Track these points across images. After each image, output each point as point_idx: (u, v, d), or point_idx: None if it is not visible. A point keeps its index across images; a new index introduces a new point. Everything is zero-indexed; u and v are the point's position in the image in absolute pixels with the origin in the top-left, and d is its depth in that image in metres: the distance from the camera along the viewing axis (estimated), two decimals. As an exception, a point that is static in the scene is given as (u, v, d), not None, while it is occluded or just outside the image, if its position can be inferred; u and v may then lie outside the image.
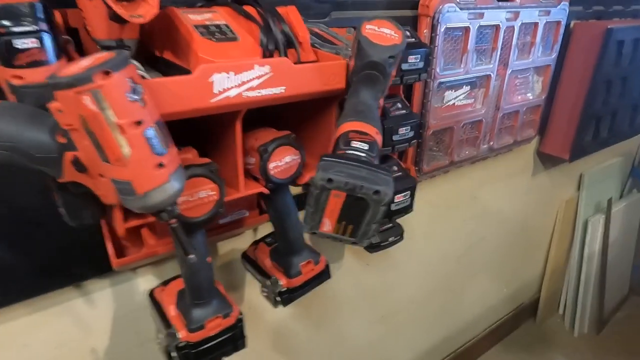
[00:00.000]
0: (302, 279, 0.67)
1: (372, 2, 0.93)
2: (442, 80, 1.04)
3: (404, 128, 0.83)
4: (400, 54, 0.54)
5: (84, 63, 0.34)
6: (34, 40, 0.40)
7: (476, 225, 1.59)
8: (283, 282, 0.67)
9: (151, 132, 0.37)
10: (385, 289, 1.39)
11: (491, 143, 1.28)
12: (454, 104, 1.13)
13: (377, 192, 0.43)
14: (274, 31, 0.54)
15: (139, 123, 0.36)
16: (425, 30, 0.98)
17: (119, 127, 0.35)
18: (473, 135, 1.22)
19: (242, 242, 0.94)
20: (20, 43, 0.40)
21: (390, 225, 0.95)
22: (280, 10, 0.60)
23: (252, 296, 1.00)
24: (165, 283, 0.66)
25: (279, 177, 0.59)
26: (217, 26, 0.53)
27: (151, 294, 0.67)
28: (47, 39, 0.42)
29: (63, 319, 0.79)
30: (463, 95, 1.14)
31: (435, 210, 1.39)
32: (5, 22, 0.39)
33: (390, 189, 0.44)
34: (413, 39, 0.78)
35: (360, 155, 0.47)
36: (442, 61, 1.03)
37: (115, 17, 0.52)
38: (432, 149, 1.16)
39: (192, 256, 0.47)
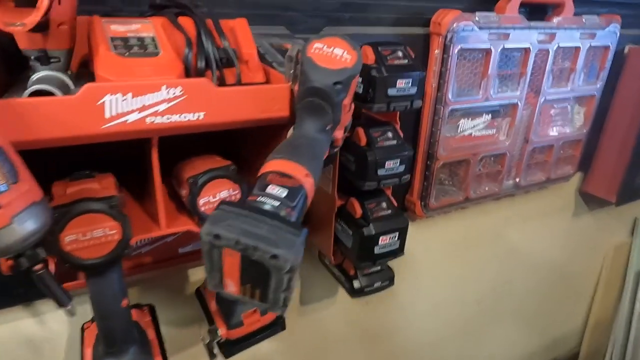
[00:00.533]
0: (243, 330, 0.58)
1: (375, 18, 0.84)
2: (456, 107, 0.92)
3: (392, 161, 0.72)
4: (352, 79, 0.45)
5: None
6: None
7: (501, 267, 1.42)
8: (222, 331, 0.58)
9: (-21, 166, 0.30)
10: (388, 330, 1.26)
11: (517, 179, 1.13)
12: (470, 134, 1.00)
13: (274, 256, 0.34)
14: (206, 46, 0.46)
15: (-41, 154, 0.29)
16: (436, 51, 0.87)
17: None
18: (495, 170, 1.08)
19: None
20: None
21: (378, 268, 0.84)
22: (228, 22, 0.52)
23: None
24: (93, 319, 0.59)
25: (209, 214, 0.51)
26: (140, 39, 0.46)
27: (82, 328, 0.60)
28: None
29: (11, 338, 0.75)
30: (482, 125, 1.01)
31: (450, 248, 1.25)
32: None
33: (293, 254, 0.34)
34: (405, 61, 0.68)
35: (272, 205, 0.37)
36: (455, 86, 0.91)
37: (28, 25, 0.47)
38: (443, 183, 1.03)
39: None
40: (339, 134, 0.51)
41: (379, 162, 0.71)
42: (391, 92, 0.66)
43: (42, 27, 0.48)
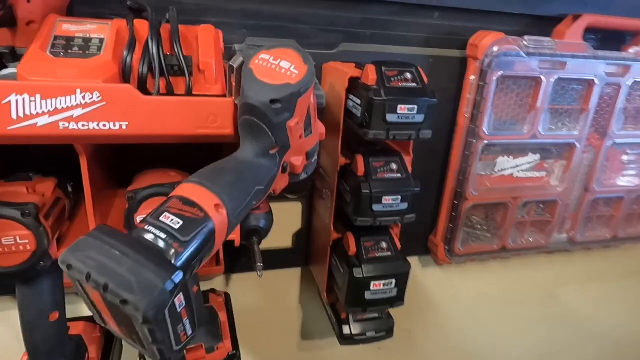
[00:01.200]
0: (184, 366, 0.52)
1: (400, 36, 0.75)
2: (493, 142, 0.80)
3: (392, 197, 0.63)
4: (295, 98, 0.38)
5: None
6: None
7: (552, 333, 1.22)
8: (163, 362, 0.53)
9: None
10: (405, 383, 1.12)
11: (572, 233, 0.95)
12: (512, 174, 0.86)
13: (124, 301, 0.28)
14: (151, 50, 0.42)
15: None
16: (471, 77, 0.76)
17: None
18: (543, 219, 0.93)
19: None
20: None
21: (375, 315, 0.74)
22: (194, 29, 0.48)
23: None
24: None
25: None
26: (87, 40, 0.43)
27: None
28: None
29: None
30: (528, 166, 0.87)
31: (484, 301, 1.09)
32: None
33: (149, 302, 0.28)
34: (413, 85, 0.59)
35: (157, 237, 0.32)
36: (492, 118, 0.79)
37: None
38: (474, 227, 0.90)
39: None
40: (297, 161, 0.44)
41: (375, 196, 0.62)
42: (391, 118, 0.58)
43: (8, 22, 0.48)
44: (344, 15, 0.72)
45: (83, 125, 0.37)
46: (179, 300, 0.31)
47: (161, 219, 0.33)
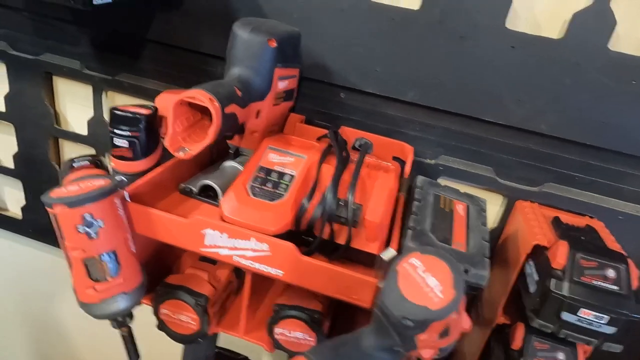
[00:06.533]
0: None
1: (636, 193, 0.62)
2: None
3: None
4: (429, 323, 0.36)
5: (72, 187, 0.41)
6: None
7: None
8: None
9: (91, 261, 0.41)
10: None
11: None
12: None
13: None
14: (327, 198, 0.46)
15: (82, 250, 0.41)
16: None
17: (65, 247, 0.41)
18: None
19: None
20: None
21: None
22: (374, 174, 0.50)
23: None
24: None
25: (283, 344, 0.52)
26: (281, 175, 0.50)
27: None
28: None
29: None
30: None
31: None
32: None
33: None
34: (615, 288, 0.48)
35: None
36: None
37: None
38: None
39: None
40: (426, 354, 0.42)
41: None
42: (567, 317, 0.49)
43: (239, 131, 0.59)
44: (560, 156, 0.63)
45: (250, 263, 0.45)
46: None
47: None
